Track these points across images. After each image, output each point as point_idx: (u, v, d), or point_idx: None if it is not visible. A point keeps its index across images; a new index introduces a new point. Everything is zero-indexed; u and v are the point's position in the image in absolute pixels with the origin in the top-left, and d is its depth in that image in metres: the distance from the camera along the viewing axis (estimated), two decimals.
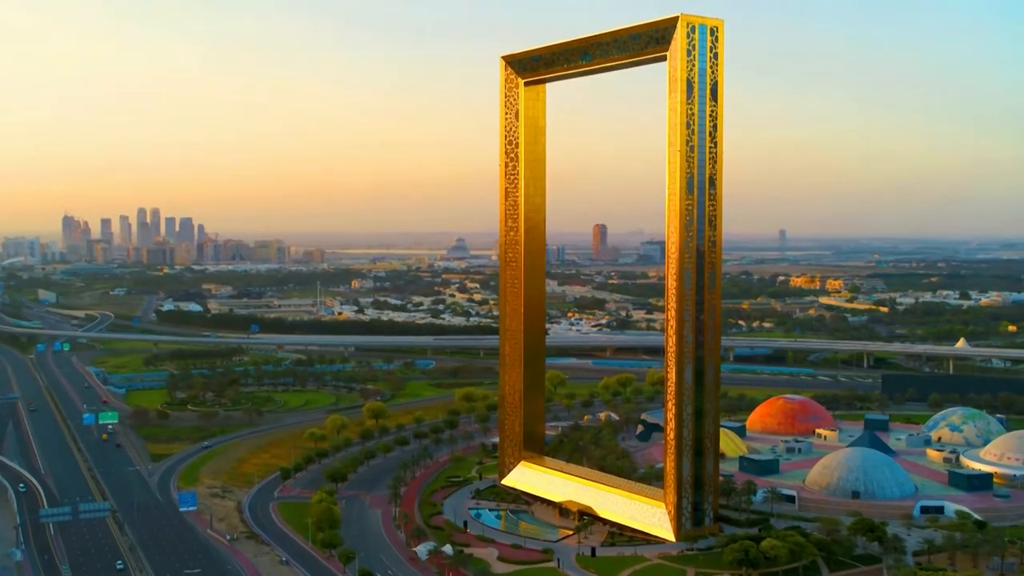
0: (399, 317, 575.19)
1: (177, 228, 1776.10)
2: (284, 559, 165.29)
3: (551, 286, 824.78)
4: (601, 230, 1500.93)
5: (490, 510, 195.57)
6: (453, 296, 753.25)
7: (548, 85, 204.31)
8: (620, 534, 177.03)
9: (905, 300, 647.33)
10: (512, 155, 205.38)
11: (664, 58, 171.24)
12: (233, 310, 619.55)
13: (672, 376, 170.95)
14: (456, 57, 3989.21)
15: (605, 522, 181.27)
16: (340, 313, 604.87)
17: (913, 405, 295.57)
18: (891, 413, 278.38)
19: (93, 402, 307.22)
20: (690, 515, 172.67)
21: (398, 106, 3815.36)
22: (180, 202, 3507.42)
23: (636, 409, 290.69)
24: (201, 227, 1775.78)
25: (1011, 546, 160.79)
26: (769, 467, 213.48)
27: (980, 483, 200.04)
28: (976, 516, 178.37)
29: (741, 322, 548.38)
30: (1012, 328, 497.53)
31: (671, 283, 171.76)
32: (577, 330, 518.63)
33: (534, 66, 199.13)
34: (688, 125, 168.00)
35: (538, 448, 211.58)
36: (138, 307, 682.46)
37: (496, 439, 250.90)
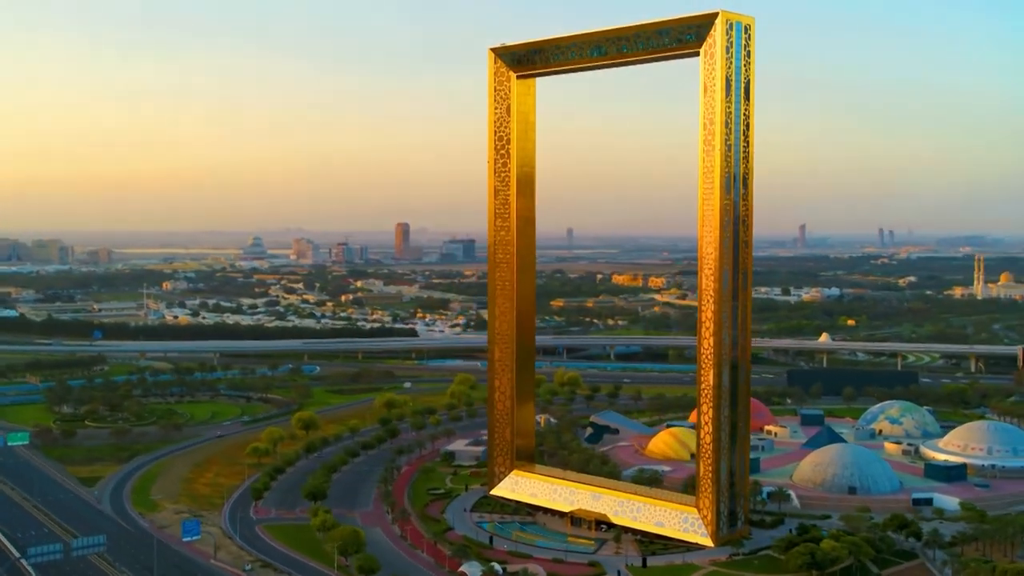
0: (244, 320, 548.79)
1: None
2: None
3: (377, 286, 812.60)
4: (404, 229, 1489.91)
5: (498, 522, 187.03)
6: (287, 298, 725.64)
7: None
8: (651, 542, 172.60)
9: None
10: (503, 152, 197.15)
11: (695, 55, 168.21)
12: (52, 315, 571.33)
13: (710, 379, 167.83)
14: (229, 53, 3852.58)
15: (627, 530, 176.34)
16: (180, 317, 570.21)
17: (827, 399, 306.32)
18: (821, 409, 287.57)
19: None
20: (726, 519, 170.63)
21: (158, 102, 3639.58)
22: None
23: (566, 411, 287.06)
24: None
25: None
26: (752, 466, 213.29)
27: (956, 474, 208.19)
28: (977, 506, 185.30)
29: (596, 320, 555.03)
30: (851, 322, 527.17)
31: (708, 284, 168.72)
32: (440, 331, 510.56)
33: (532, 59, 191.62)
34: (726, 124, 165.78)
35: (528, 456, 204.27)
36: None
37: (451, 447, 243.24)
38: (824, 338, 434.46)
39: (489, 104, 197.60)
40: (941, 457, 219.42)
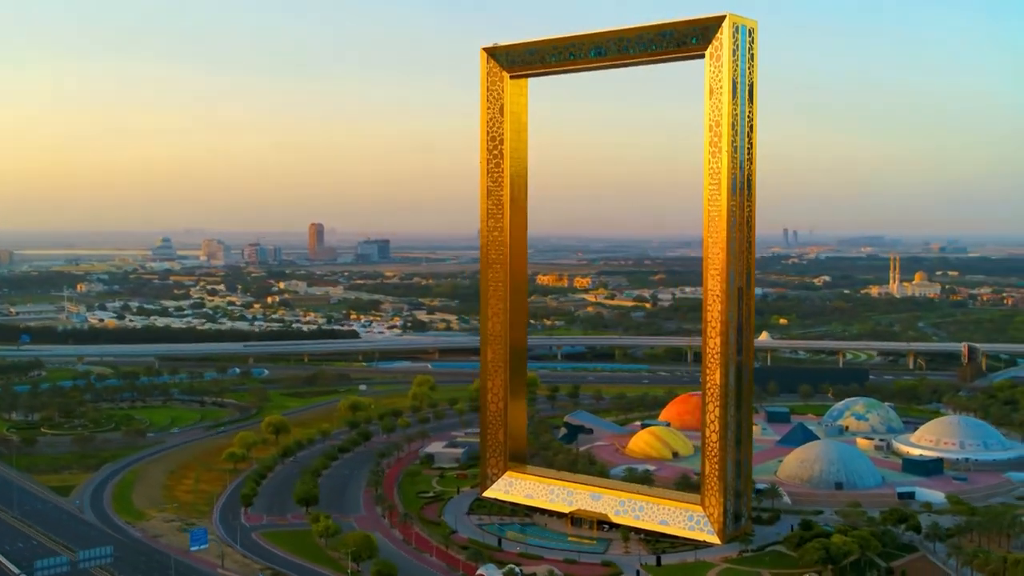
0: (175, 323, 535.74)
1: None
2: None
3: (302, 287, 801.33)
4: (318, 229, 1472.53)
5: (498, 524, 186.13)
6: (211, 299, 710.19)
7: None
8: (656, 541, 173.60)
9: (663, 297, 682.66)
10: (495, 152, 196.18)
11: (698, 57, 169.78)
12: None
13: (716, 378, 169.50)
14: (115, 56, 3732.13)
15: (629, 529, 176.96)
16: (106, 320, 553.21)
17: (783, 397, 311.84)
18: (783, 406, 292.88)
19: None
20: (731, 517, 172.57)
21: (43, 101, 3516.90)
22: None
23: (532, 412, 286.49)
24: None
25: None
26: None
27: (934, 468, 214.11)
28: (961, 498, 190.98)
29: (532, 321, 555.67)
30: (783, 321, 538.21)
31: (715, 285, 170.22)
32: (379, 332, 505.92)
33: (527, 59, 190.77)
34: (733, 126, 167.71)
35: (520, 457, 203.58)
36: None
37: (429, 449, 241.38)
38: (764, 336, 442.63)
39: (481, 104, 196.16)
40: (915, 452, 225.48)
